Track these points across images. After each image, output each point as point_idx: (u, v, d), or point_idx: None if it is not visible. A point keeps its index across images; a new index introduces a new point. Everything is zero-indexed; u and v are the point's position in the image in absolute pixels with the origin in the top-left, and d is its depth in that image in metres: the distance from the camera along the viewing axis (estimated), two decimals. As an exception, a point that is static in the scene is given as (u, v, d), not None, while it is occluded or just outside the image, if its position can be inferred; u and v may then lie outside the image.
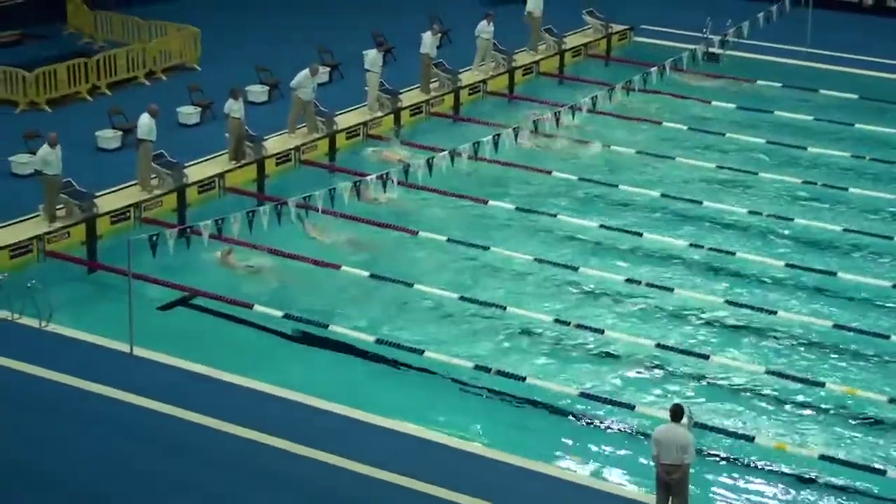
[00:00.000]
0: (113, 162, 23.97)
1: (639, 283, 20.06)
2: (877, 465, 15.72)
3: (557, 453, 16.17)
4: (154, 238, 18.77)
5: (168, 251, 19.10)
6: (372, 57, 26.31)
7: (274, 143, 24.80)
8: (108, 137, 24.72)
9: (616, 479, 15.70)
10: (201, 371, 17.56)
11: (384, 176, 21.98)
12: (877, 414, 16.89)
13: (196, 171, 23.48)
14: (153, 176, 22.76)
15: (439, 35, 30.69)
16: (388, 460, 15.58)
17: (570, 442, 16.44)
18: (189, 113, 26.08)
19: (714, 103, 27.77)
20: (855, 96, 27.78)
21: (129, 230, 21.28)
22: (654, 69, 27.13)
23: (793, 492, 15.52)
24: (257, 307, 19.21)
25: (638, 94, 27.02)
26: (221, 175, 23.60)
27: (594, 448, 16.32)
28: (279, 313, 19.07)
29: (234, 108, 23.69)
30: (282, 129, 25.31)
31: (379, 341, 18.40)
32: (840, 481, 15.58)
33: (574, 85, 28.82)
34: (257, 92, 27.21)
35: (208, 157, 24.13)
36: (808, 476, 15.72)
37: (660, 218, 22.69)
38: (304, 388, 17.19)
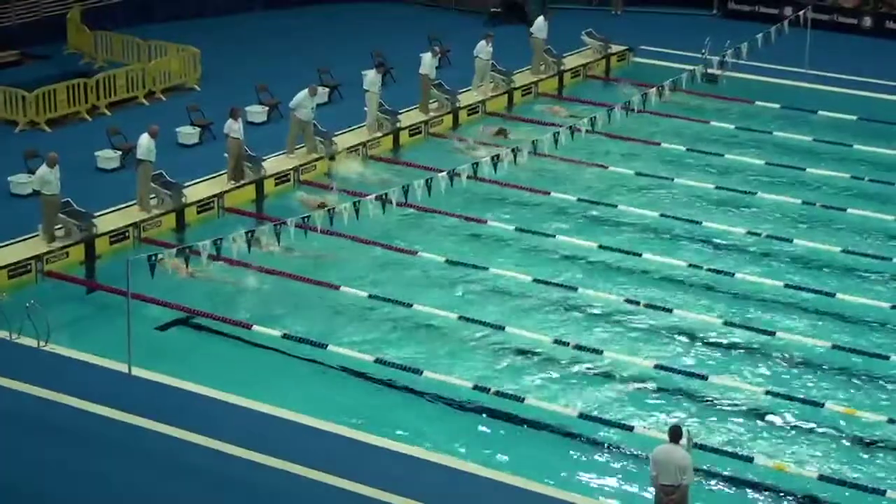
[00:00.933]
0: (112, 182, 23.98)
1: (637, 303, 20.05)
2: (876, 486, 15.66)
3: (555, 474, 16.11)
4: (153, 258, 18.76)
5: (167, 272, 19.10)
6: (371, 77, 26.38)
7: (273, 164, 24.84)
8: (108, 158, 24.74)
9: (615, 501, 15.64)
10: (200, 391, 17.52)
11: (383, 196, 21.96)
12: (876, 434, 16.84)
13: (195, 192, 23.52)
14: (152, 196, 22.78)
15: (439, 56, 30.82)
16: (388, 482, 15.53)
17: (568, 463, 16.39)
18: (189, 133, 26.12)
19: (713, 123, 27.82)
20: (854, 117, 27.83)
21: (128, 250, 21.28)
22: (653, 90, 27.19)
23: (792, 513, 15.51)
24: (256, 327, 19.20)
25: (637, 114, 27.08)
26: (220, 195, 23.62)
27: (593, 469, 16.27)
28: (278, 333, 19.06)
29: (233, 128, 23.73)
30: (281, 149, 25.35)
31: (378, 361, 18.38)
32: (840, 502, 15.53)
33: (573, 105, 28.86)
34: (257, 112, 27.26)
35: (207, 177, 24.17)
36: (807, 497, 15.66)
37: (658, 238, 22.69)
38: (303, 408, 17.16)
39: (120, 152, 24.76)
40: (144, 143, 22.50)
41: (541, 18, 30.11)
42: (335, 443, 16.46)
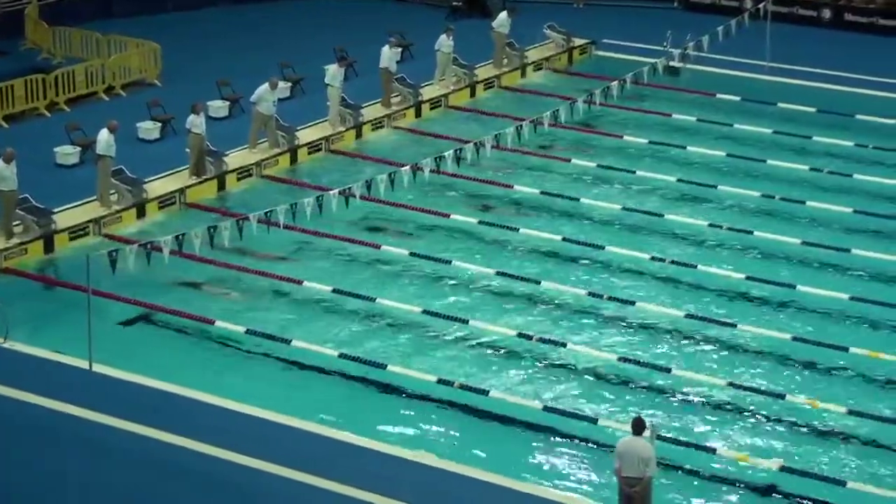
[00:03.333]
0: (72, 178, 23.79)
1: (601, 296, 20.10)
2: (837, 477, 15.79)
3: (520, 467, 16.14)
4: (113, 254, 18.65)
5: (128, 267, 18.98)
6: (332, 71, 26.29)
7: (235, 158, 24.71)
8: (67, 153, 24.53)
9: (579, 493, 15.68)
10: (161, 387, 17.42)
11: (346, 191, 21.97)
12: (836, 425, 16.98)
13: (157, 187, 23.38)
14: (112, 192, 22.62)
15: (399, 49, 30.73)
16: (353, 476, 15.52)
17: (533, 455, 16.42)
18: (149, 128, 25.95)
19: (675, 116, 27.93)
20: (813, 109, 28.02)
21: (88, 246, 21.11)
22: (615, 83, 27.27)
23: (754, 503, 15.56)
24: (219, 323, 19.10)
25: (599, 107, 27.16)
26: (182, 190, 23.48)
27: (557, 461, 16.31)
28: (241, 329, 18.97)
29: (195, 123, 23.60)
30: (243, 143, 25.22)
31: (342, 356, 18.33)
32: (801, 493, 15.64)
33: (536, 99, 28.89)
34: (218, 107, 27.10)
35: (169, 172, 24.02)
36: (769, 488, 15.76)
37: (621, 230, 22.75)
38: (267, 403, 17.09)
39: (79, 148, 24.55)
40: (104, 138, 22.33)
41: (504, 14, 30.09)
42: (300, 438, 16.41)
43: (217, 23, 33.66)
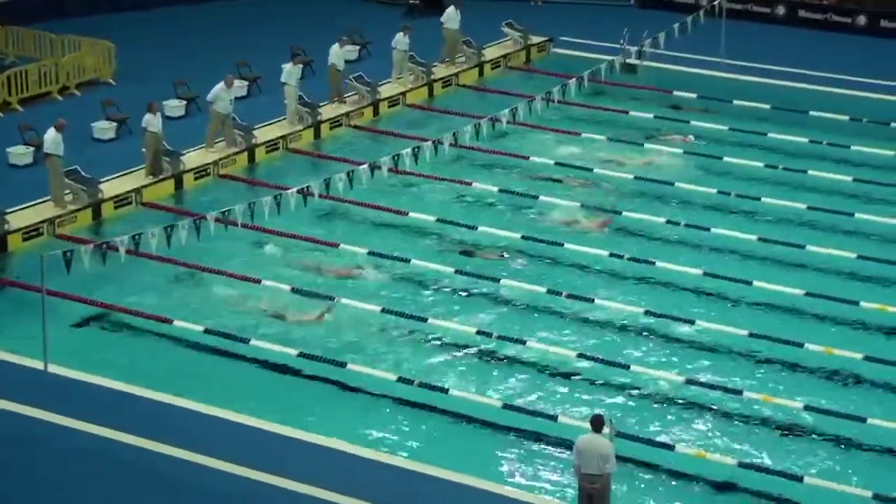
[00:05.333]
0: (25, 178, 23.56)
1: (559, 293, 20.15)
2: (794, 472, 15.91)
3: (480, 465, 16.14)
4: (68, 254, 18.48)
5: (83, 267, 18.82)
6: (288, 70, 26.18)
7: (192, 158, 24.56)
8: (20, 154, 24.29)
9: (538, 490, 15.71)
10: (118, 387, 17.29)
11: (304, 189, 21.87)
12: (793, 421, 17.11)
13: (112, 187, 23.20)
14: (67, 192, 22.41)
15: (354, 48, 30.67)
16: (313, 475, 15.49)
17: (492, 453, 16.43)
18: (104, 128, 25.75)
19: (632, 113, 28.04)
20: (768, 106, 28.22)
21: (42, 246, 20.90)
22: (572, 80, 27.34)
23: (713, 499, 15.66)
24: (177, 322, 18.97)
25: (557, 105, 27.22)
26: (138, 190, 23.31)
27: (516, 459, 16.33)
28: (200, 328, 18.86)
29: (151, 122, 23.44)
30: (200, 143, 25.07)
31: (301, 355, 18.26)
32: (759, 488, 15.75)
33: (494, 96, 28.91)
34: (175, 106, 26.92)
35: (125, 172, 23.84)
36: (727, 484, 15.85)
37: (580, 228, 22.78)
38: (225, 403, 17.03)
39: (32, 148, 24.31)
40: (51, 137, 22.16)
41: (451, 8, 30.05)
42: (260, 438, 16.35)
43: (172, 22, 33.40)
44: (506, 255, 21.37)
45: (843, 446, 16.63)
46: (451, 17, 29.99)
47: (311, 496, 15.22)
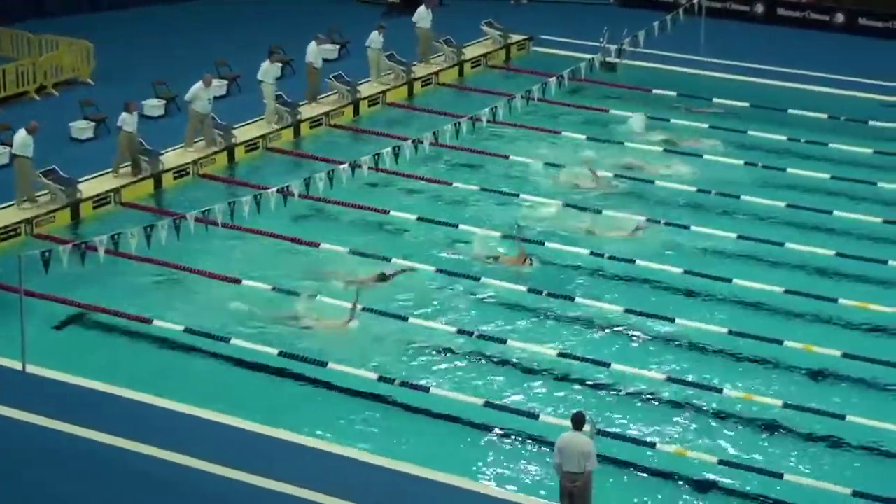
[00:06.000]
0: (2, 179, 23.40)
1: (540, 292, 20.16)
2: (774, 470, 15.96)
3: (461, 463, 16.15)
4: (46, 254, 18.41)
5: (62, 267, 18.75)
6: (265, 68, 26.12)
7: (171, 157, 24.49)
8: (-2, 154, 24.20)
9: (519, 489, 15.73)
10: (97, 388, 17.24)
11: (284, 189, 21.86)
12: (772, 418, 17.16)
13: (91, 187, 23.11)
14: (44, 192, 22.33)
15: (337, 46, 30.65)
16: (294, 475, 15.47)
17: (473, 452, 16.43)
18: (82, 128, 25.65)
19: (612, 112, 28.08)
20: (747, 104, 28.32)
21: (20, 246, 20.81)
22: (553, 79, 27.37)
23: (693, 497, 15.71)
24: (156, 322, 18.91)
25: (538, 102, 27.26)
26: (117, 190, 23.23)
27: (497, 458, 16.34)
28: (180, 328, 18.80)
29: (126, 121, 23.39)
30: (179, 143, 25.00)
31: (282, 354, 18.22)
32: (739, 486, 15.80)
33: (474, 95, 28.91)
34: (154, 106, 26.84)
35: (103, 171, 23.75)
36: (708, 481, 15.90)
37: (559, 226, 22.81)
38: (206, 403, 16.99)
39: (9, 148, 24.13)
40: (20, 138, 22.17)
41: (422, 7, 30.05)
42: (242, 437, 16.33)
43: (151, 21, 33.28)
44: (532, 261, 21.01)
45: (822, 444, 16.68)
46: (422, 16, 29.99)
47: (293, 496, 15.21)
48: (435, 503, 15.38)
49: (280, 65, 28.65)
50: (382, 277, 20.17)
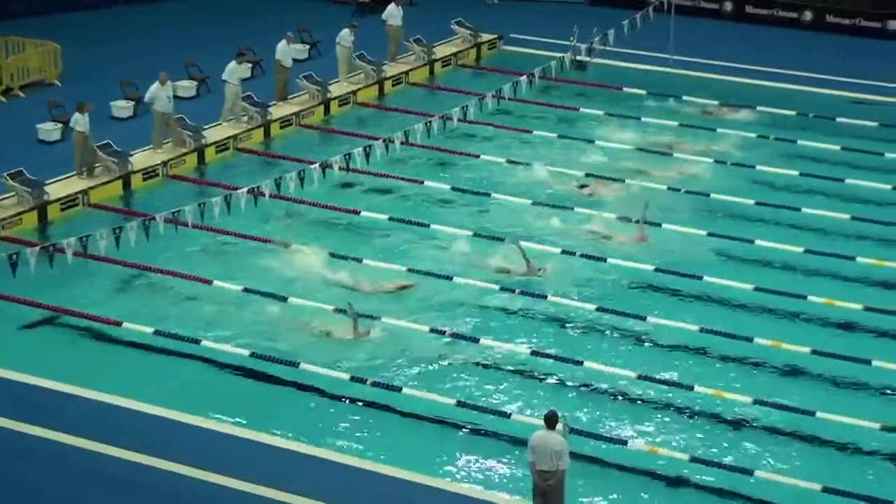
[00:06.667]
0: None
1: (512, 291, 20.17)
2: (745, 467, 16.01)
3: (434, 463, 16.14)
4: (14, 257, 18.27)
5: (30, 270, 18.62)
6: (230, 68, 26.00)
7: (140, 159, 24.36)
8: (-37, 156, 24.01)
9: (492, 487, 15.73)
10: (69, 391, 17.15)
11: (255, 189, 21.80)
12: (743, 415, 17.22)
13: (58, 188, 22.96)
14: (11, 194, 22.20)
15: (307, 46, 30.59)
16: (267, 476, 15.42)
17: (446, 451, 16.42)
18: (49, 129, 25.50)
19: (582, 110, 28.12)
20: (716, 102, 28.43)
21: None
22: (523, 77, 27.40)
23: (666, 494, 15.75)
24: (126, 324, 18.80)
25: (509, 102, 27.29)
26: (86, 191, 23.09)
27: (470, 457, 16.33)
28: (149, 329, 18.69)
29: (79, 121, 23.29)
30: (148, 144, 24.89)
31: (254, 355, 18.16)
32: (711, 483, 15.85)
33: (445, 95, 28.89)
34: (122, 107, 26.69)
35: (71, 173, 23.60)
36: (679, 479, 15.94)
37: (531, 224, 22.82)
38: (178, 405, 16.92)
39: (-25, 151, 24.07)
40: None
41: (392, 5, 30.02)
42: (210, 437, 16.27)
43: (120, 22, 33.11)
44: (544, 270, 20.88)
45: (793, 439, 16.75)
46: (392, 13, 29.96)
47: (264, 497, 15.15)
48: (408, 503, 15.35)
49: (249, 65, 28.60)
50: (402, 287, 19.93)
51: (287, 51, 27.25)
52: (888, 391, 17.80)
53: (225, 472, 15.52)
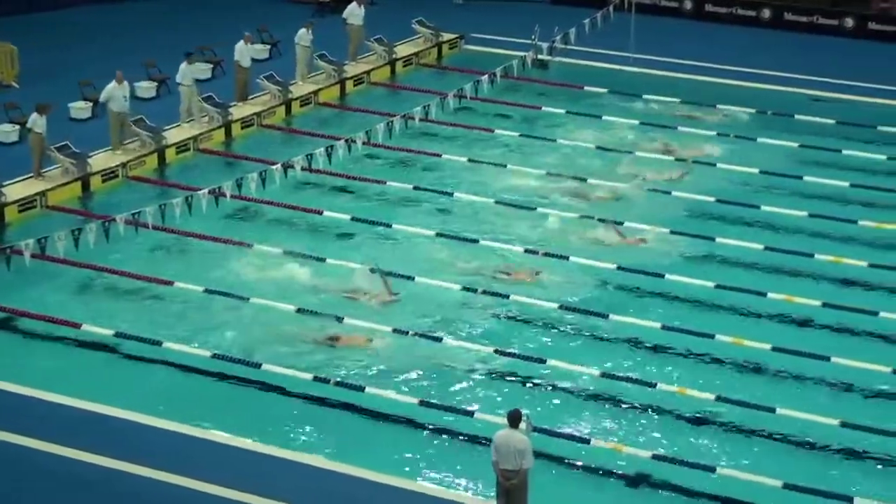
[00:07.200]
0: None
1: (474, 290, 20.19)
2: (706, 464, 16.10)
3: (397, 462, 16.13)
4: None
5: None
6: (182, 69, 25.85)
7: (99, 160, 24.19)
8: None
9: (456, 487, 15.74)
10: (25, 393, 17.05)
11: (216, 190, 21.71)
12: (705, 412, 17.32)
13: (16, 190, 22.78)
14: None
15: (268, 46, 30.48)
16: (226, 478, 15.35)
17: (409, 451, 16.42)
18: (6, 131, 25.31)
19: (544, 109, 28.19)
20: (677, 100, 28.57)
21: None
22: (485, 77, 27.41)
23: (628, 492, 15.81)
24: (85, 326, 18.66)
25: (471, 101, 27.30)
26: (43, 193, 22.90)
27: (434, 456, 16.33)
28: (109, 332, 18.56)
29: (37, 122, 23.11)
30: (108, 145, 24.71)
31: (215, 356, 18.07)
32: (672, 480, 15.92)
33: (406, 94, 28.88)
34: (80, 108, 26.50)
35: (28, 175, 23.42)
36: (642, 476, 16.01)
37: (494, 225, 22.85)
38: (139, 406, 16.85)
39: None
40: None
41: (353, 4, 29.97)
42: (172, 439, 16.20)
43: (79, 23, 32.84)
44: (538, 274, 20.83)
45: (754, 436, 16.87)
46: (353, 12, 29.91)
47: (227, 498, 15.09)
48: (371, 503, 15.34)
49: (210, 66, 28.48)
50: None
51: (245, 51, 27.14)
52: (846, 387, 17.95)
53: (186, 473, 15.44)
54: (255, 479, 15.44)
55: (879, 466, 16.31)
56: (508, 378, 18.08)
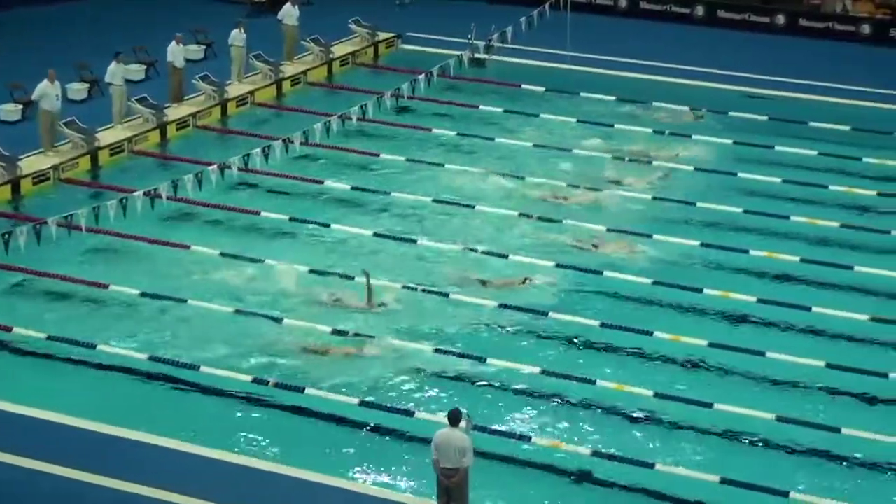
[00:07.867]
0: None
1: (415, 289, 20.17)
2: (645, 460, 16.20)
3: (337, 462, 16.07)
4: None
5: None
6: (111, 70, 25.54)
7: (31, 162, 23.83)
8: None
9: (396, 487, 15.71)
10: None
11: (151, 192, 21.49)
12: (644, 409, 17.43)
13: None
14: None
15: (203, 47, 30.24)
16: (169, 479, 15.24)
17: (350, 450, 16.36)
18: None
19: (482, 108, 28.24)
20: (613, 98, 28.76)
21: None
22: (422, 76, 27.39)
23: (569, 489, 15.88)
24: (17, 329, 18.37)
25: (408, 100, 27.26)
26: (-25, 196, 22.57)
27: (374, 456, 16.29)
28: (42, 335, 18.30)
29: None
30: (39, 147, 24.37)
31: (152, 358, 17.89)
32: (612, 477, 16.01)
33: (344, 94, 28.78)
34: (10, 111, 26.10)
35: (-43, 178, 23.08)
36: (582, 473, 16.09)
37: (433, 220, 22.83)
38: (74, 410, 16.64)
39: None
40: None
41: (288, 5, 29.84)
42: (105, 441, 16.05)
43: (9, 24, 32.29)
44: (529, 280, 20.68)
45: (692, 432, 17.00)
46: (288, 12, 29.78)
47: (166, 501, 14.93)
48: (310, 503, 15.31)
49: (144, 67, 28.22)
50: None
51: (178, 51, 26.89)
52: (781, 382, 18.16)
53: (122, 476, 15.28)
54: (190, 481, 15.30)
55: (815, 460, 16.51)
56: (448, 377, 18.06)
